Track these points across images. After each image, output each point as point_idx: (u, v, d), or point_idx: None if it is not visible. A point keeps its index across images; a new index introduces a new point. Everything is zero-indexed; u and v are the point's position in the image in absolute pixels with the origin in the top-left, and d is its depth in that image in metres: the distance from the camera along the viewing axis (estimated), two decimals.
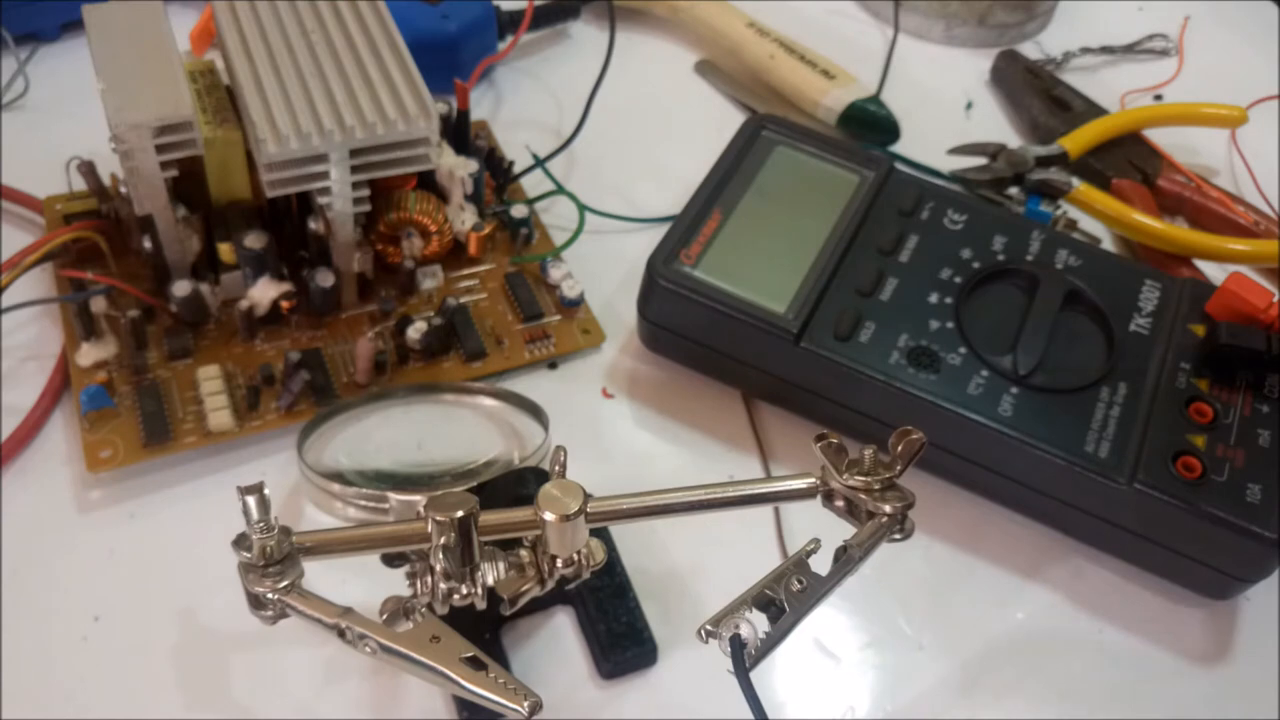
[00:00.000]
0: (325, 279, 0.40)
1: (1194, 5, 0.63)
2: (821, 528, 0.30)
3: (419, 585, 0.30)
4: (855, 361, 0.38)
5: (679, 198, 0.43)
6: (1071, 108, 0.54)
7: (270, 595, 0.29)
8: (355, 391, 0.40)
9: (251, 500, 0.28)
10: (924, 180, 0.45)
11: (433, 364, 0.41)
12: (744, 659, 0.28)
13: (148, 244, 0.39)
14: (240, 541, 0.29)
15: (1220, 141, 0.55)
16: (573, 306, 0.44)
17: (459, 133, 0.45)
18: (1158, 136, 0.53)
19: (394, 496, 0.34)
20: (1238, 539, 0.35)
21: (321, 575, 0.30)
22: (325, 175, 0.38)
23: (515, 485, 0.36)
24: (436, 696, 0.34)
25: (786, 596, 0.28)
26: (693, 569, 0.38)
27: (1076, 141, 0.50)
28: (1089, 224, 0.49)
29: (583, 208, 0.46)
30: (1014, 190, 0.48)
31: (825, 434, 0.31)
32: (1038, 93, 0.55)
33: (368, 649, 0.28)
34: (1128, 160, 0.51)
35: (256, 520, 0.28)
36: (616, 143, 0.51)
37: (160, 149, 0.37)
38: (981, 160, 0.50)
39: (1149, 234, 0.47)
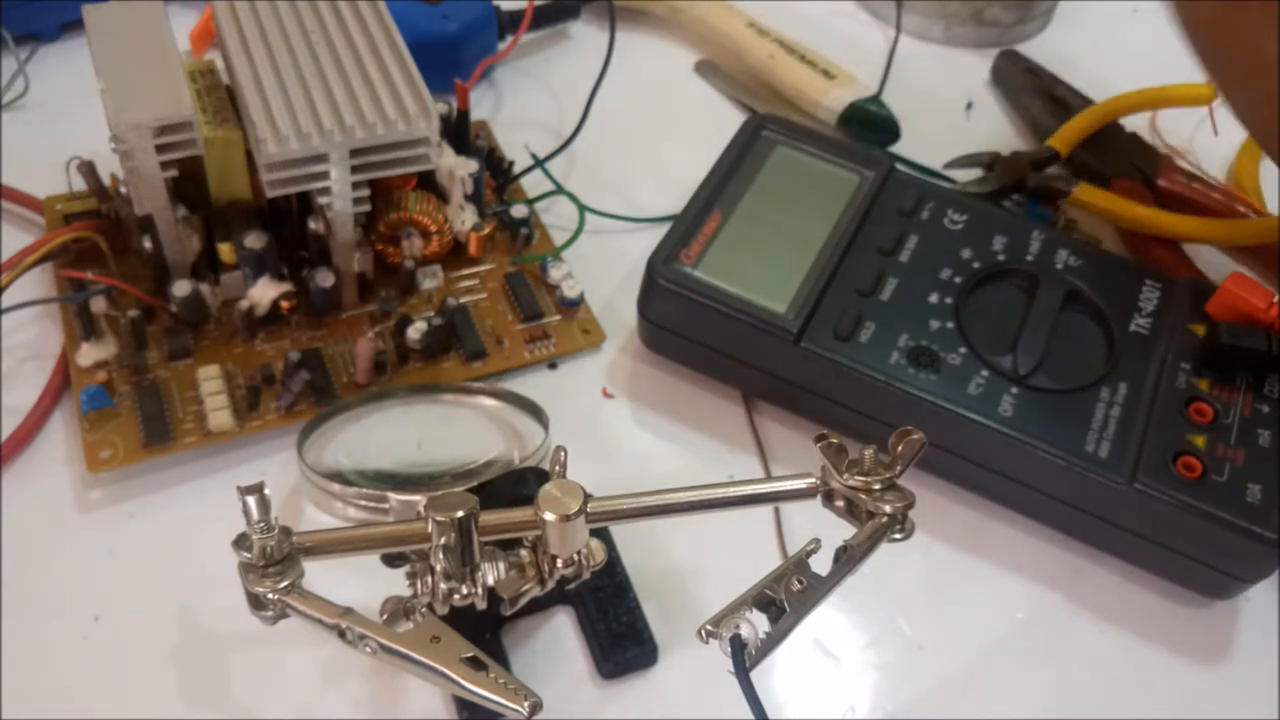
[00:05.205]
0: (325, 279, 0.40)
1: None
2: (821, 528, 0.30)
3: (419, 585, 0.30)
4: (855, 361, 0.38)
5: (679, 198, 0.43)
6: (1072, 107, 0.54)
7: (270, 595, 0.29)
8: (355, 391, 0.40)
9: (251, 500, 0.28)
10: (924, 180, 0.45)
11: (433, 364, 0.41)
12: (744, 659, 0.28)
13: (148, 244, 0.39)
14: (240, 541, 0.29)
15: (1222, 142, 0.55)
16: (573, 306, 0.44)
17: (459, 133, 0.45)
18: (1157, 133, 0.53)
19: (394, 496, 0.34)
20: (1238, 539, 0.35)
21: (321, 575, 0.30)
22: (325, 175, 0.38)
23: (515, 485, 0.36)
24: (436, 696, 0.34)
25: (786, 596, 0.28)
26: (693, 569, 0.38)
27: (1064, 140, 0.51)
28: (1089, 224, 0.49)
29: (583, 208, 0.46)
30: (1015, 197, 0.48)
31: (825, 434, 0.31)
32: (1038, 93, 0.55)
33: (368, 649, 0.28)
34: (1128, 160, 0.51)
35: (256, 520, 0.28)
36: (616, 143, 0.51)
37: (160, 149, 0.37)
38: (979, 172, 0.50)
39: (1152, 225, 0.47)
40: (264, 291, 0.40)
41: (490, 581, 0.31)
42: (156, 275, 0.40)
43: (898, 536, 0.30)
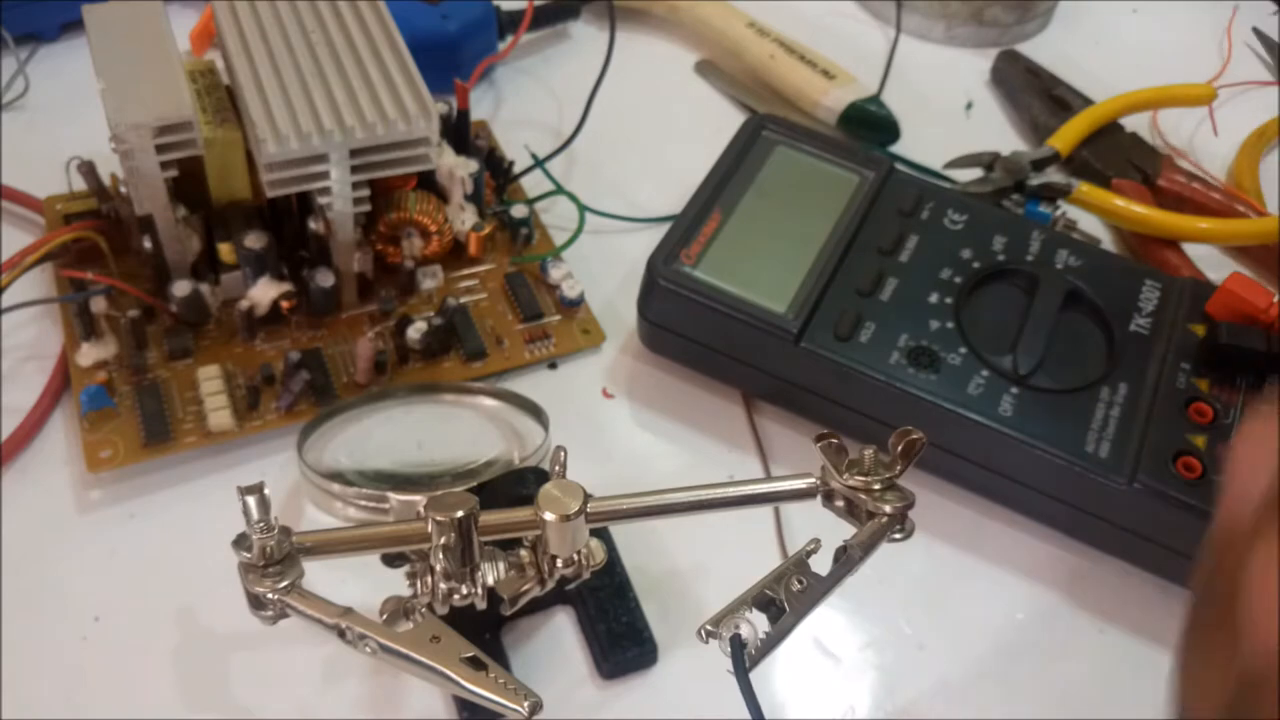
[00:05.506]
0: (325, 279, 0.40)
1: (1186, 5, 0.63)
2: (821, 528, 0.30)
3: (419, 585, 0.30)
4: (855, 361, 0.38)
5: (679, 198, 0.43)
6: (1072, 108, 0.54)
7: (270, 595, 0.29)
8: (355, 391, 0.40)
9: (251, 500, 0.28)
10: (924, 180, 0.45)
11: (433, 364, 0.41)
12: (744, 659, 0.28)
13: (148, 244, 0.39)
14: (240, 541, 0.29)
15: (1222, 142, 0.55)
16: (573, 306, 0.44)
17: (459, 133, 0.45)
18: (1158, 133, 0.54)
19: (394, 496, 0.34)
20: None
21: (321, 575, 0.30)
22: (325, 175, 0.38)
23: (515, 485, 0.36)
24: (436, 696, 0.34)
25: (786, 596, 0.28)
26: (693, 569, 0.38)
27: (1064, 139, 0.51)
28: (1089, 224, 0.49)
29: (583, 208, 0.46)
30: (1015, 196, 0.48)
31: (825, 434, 0.31)
32: (1038, 93, 0.55)
33: (368, 649, 0.28)
34: (1127, 160, 0.51)
35: (256, 520, 0.28)
36: (616, 143, 0.51)
37: (160, 149, 0.37)
38: (979, 172, 0.50)
39: (1152, 225, 0.47)
40: (264, 291, 0.40)
41: (490, 581, 0.31)
42: (156, 275, 0.40)
43: (898, 536, 0.30)
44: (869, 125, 0.52)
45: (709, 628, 0.28)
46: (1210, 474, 0.36)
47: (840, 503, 0.31)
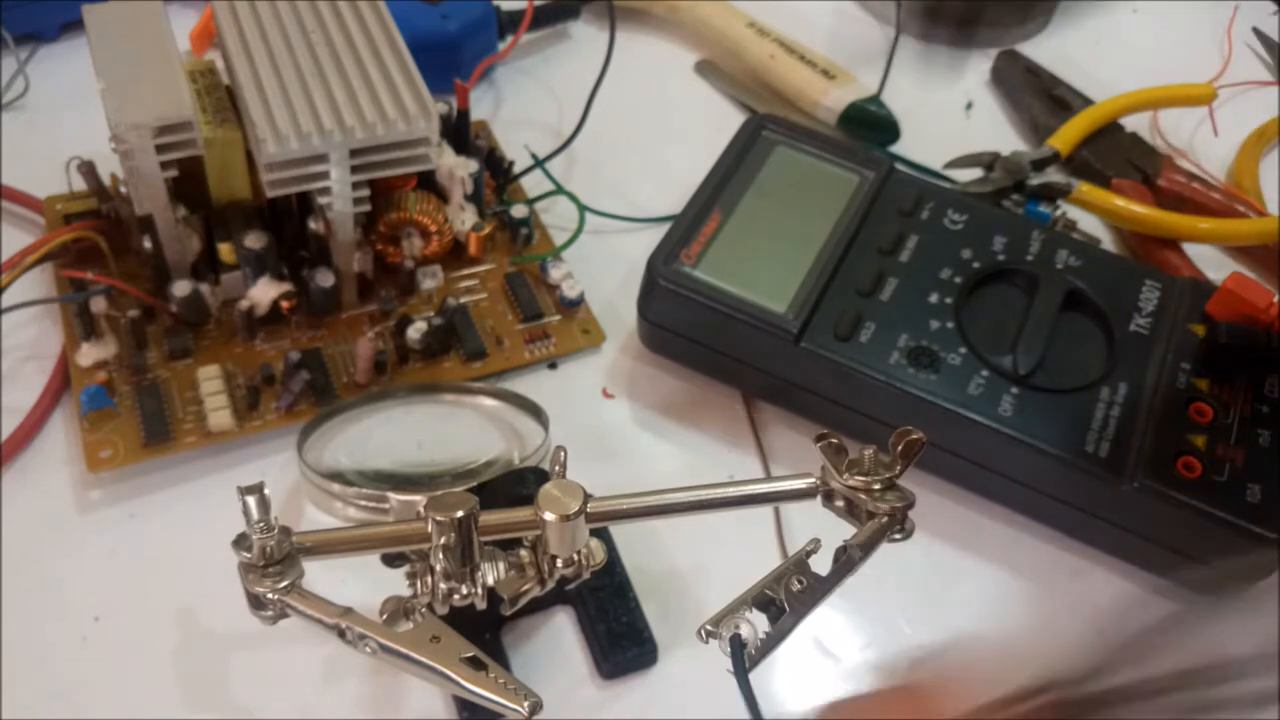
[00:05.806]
0: (325, 279, 0.40)
1: (1186, 5, 0.63)
2: (821, 528, 0.30)
3: (419, 585, 0.30)
4: (855, 361, 0.38)
5: (679, 198, 0.43)
6: (1072, 108, 0.54)
7: (270, 595, 0.29)
8: (355, 391, 0.40)
9: (251, 500, 0.28)
10: (924, 180, 0.45)
11: (433, 364, 0.41)
12: (744, 659, 0.28)
13: (148, 244, 0.39)
14: (240, 541, 0.29)
15: (1222, 142, 0.55)
16: (573, 306, 0.44)
17: (459, 133, 0.45)
18: (1158, 133, 0.53)
19: (394, 496, 0.34)
20: (1238, 539, 0.35)
21: (321, 575, 0.30)
22: (325, 175, 0.38)
23: (515, 485, 0.36)
24: (436, 696, 0.34)
25: (786, 596, 0.28)
26: (693, 569, 0.38)
27: (1064, 139, 0.51)
28: (1089, 224, 0.49)
29: (583, 208, 0.46)
30: (1015, 196, 0.48)
31: (825, 434, 0.31)
32: (1038, 93, 0.55)
33: (368, 649, 0.28)
34: (1127, 160, 0.51)
35: (256, 520, 0.28)
36: (616, 143, 0.51)
37: (160, 149, 0.37)
38: (979, 172, 0.50)
39: (1152, 225, 0.47)
40: (264, 291, 0.40)
41: (490, 581, 0.31)
42: (156, 275, 0.40)
43: (898, 536, 0.30)
44: (869, 125, 0.52)
45: (709, 628, 0.28)
46: (1210, 474, 0.36)
47: (840, 503, 0.31)
